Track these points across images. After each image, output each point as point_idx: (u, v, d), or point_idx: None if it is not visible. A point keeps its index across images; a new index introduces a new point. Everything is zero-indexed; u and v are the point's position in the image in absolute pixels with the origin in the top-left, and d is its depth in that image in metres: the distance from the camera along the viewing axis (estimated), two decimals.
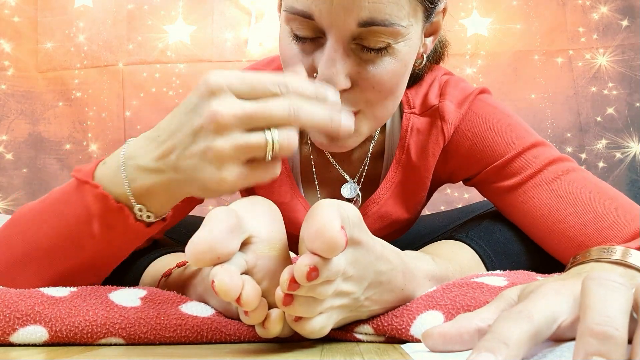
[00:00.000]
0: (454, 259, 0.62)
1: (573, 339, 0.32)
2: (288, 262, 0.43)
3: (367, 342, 0.46)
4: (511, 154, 0.67)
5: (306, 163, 0.76)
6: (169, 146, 0.45)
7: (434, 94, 0.71)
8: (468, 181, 0.75)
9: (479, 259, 0.66)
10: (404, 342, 0.44)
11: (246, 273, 0.41)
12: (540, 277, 0.54)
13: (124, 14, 1.64)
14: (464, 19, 1.62)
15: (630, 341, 0.31)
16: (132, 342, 0.46)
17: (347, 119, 0.45)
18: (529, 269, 0.62)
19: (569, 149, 1.57)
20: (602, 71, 1.59)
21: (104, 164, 0.51)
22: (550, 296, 0.36)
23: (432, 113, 0.71)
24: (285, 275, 0.37)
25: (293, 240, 0.46)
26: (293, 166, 0.75)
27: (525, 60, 1.61)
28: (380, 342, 0.45)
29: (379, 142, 0.75)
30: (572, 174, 0.65)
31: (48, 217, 0.53)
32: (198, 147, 0.43)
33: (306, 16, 0.55)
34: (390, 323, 0.45)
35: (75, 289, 0.51)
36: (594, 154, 1.57)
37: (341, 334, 0.46)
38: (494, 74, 1.61)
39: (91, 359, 0.40)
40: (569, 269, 0.53)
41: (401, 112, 0.73)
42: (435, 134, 0.71)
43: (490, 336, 0.32)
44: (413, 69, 0.65)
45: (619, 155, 1.56)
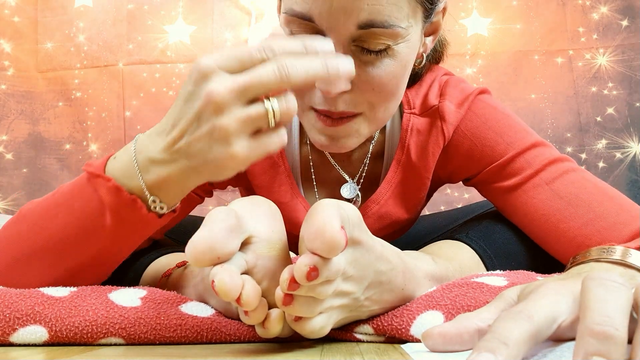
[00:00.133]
0: (454, 259, 0.62)
1: (573, 339, 0.32)
2: (288, 262, 0.43)
3: (367, 342, 0.45)
4: (511, 154, 0.67)
5: (306, 163, 0.76)
6: (176, 135, 0.46)
7: (434, 94, 0.71)
8: (468, 181, 0.75)
9: (479, 259, 0.66)
10: (404, 342, 0.44)
11: (246, 273, 0.41)
12: (540, 277, 0.54)
13: (124, 14, 1.64)
14: (464, 19, 1.62)
15: (630, 341, 0.31)
16: (132, 342, 0.46)
17: (344, 62, 0.44)
18: (529, 269, 0.62)
19: (569, 149, 1.57)
20: (602, 71, 1.58)
21: (114, 158, 0.52)
22: (550, 296, 0.36)
23: (432, 113, 0.71)
24: (285, 275, 0.37)
25: (293, 240, 0.46)
26: (293, 166, 0.75)
27: (525, 60, 1.61)
28: (380, 342, 0.45)
29: (379, 142, 0.75)
30: (572, 174, 0.65)
31: (58, 211, 0.54)
32: (204, 129, 0.43)
33: (306, 18, 0.55)
34: (390, 323, 0.45)
35: (75, 289, 0.51)
36: (594, 154, 1.57)
37: (341, 334, 0.46)
38: (494, 74, 1.61)
39: (91, 359, 0.40)
40: (568, 269, 0.53)
41: (401, 112, 0.73)
42: (435, 134, 0.71)
43: (490, 336, 0.32)
44: (413, 68, 0.65)
45: (619, 155, 1.56)
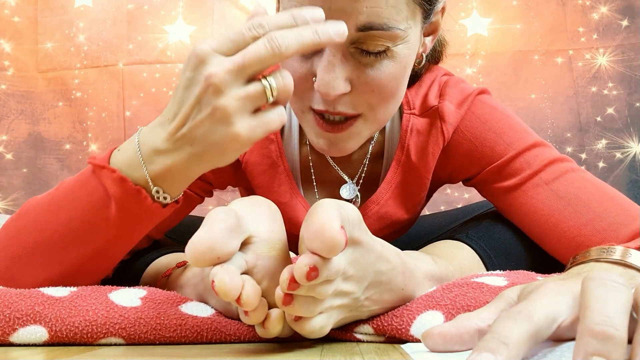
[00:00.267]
0: (454, 259, 0.62)
1: (573, 339, 0.32)
2: (288, 262, 0.43)
3: (367, 342, 0.45)
4: (510, 154, 0.67)
5: (305, 163, 0.76)
6: (178, 122, 0.46)
7: (434, 95, 0.71)
8: (468, 181, 0.75)
9: (479, 259, 0.66)
10: (404, 342, 0.44)
11: (246, 273, 0.41)
12: (540, 277, 0.54)
13: (124, 14, 1.64)
14: (464, 19, 1.62)
15: (630, 341, 0.31)
16: (132, 342, 0.46)
17: (336, 26, 0.45)
18: (529, 269, 0.62)
19: (569, 149, 1.57)
20: (602, 71, 1.58)
21: (118, 150, 0.52)
22: (550, 296, 0.36)
23: (432, 114, 0.71)
24: (285, 275, 0.37)
25: (293, 240, 0.46)
26: (292, 166, 0.75)
27: (525, 60, 1.61)
28: (380, 342, 0.45)
29: (379, 142, 0.75)
30: (572, 174, 0.65)
31: (63, 203, 0.54)
32: (205, 112, 0.44)
33: None
34: (390, 323, 0.45)
35: (75, 288, 0.51)
36: (594, 154, 1.57)
37: (341, 334, 0.46)
38: (494, 74, 1.61)
39: (91, 359, 0.40)
40: (568, 269, 0.53)
41: (401, 112, 0.72)
42: (435, 134, 0.71)
43: (490, 336, 0.32)
44: (412, 68, 0.65)
45: (619, 155, 1.56)
